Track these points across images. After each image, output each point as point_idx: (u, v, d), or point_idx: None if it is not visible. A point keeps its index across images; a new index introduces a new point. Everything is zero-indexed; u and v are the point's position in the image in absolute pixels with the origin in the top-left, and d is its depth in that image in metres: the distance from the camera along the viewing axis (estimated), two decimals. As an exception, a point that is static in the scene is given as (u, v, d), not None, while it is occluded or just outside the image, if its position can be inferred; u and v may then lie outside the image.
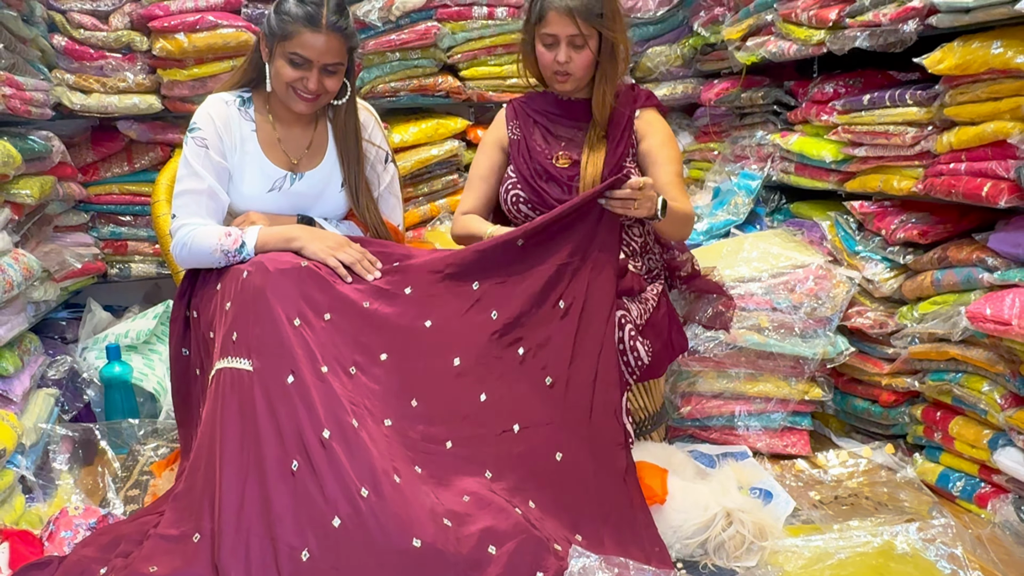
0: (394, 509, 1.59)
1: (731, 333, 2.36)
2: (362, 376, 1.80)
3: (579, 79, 2.14)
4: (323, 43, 1.96)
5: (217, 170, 2.02)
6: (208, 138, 2.01)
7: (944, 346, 2.15)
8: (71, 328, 2.96)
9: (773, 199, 2.95)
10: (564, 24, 2.06)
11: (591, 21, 2.06)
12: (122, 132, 3.11)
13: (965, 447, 2.11)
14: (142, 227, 3.17)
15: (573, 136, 2.23)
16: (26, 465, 2.08)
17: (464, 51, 3.25)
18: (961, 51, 1.98)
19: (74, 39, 2.95)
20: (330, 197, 2.15)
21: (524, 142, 2.24)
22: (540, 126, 2.25)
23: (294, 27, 1.95)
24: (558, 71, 2.12)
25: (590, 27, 2.07)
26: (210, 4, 2.98)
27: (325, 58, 1.97)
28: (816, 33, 2.51)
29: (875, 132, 2.35)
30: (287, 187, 2.09)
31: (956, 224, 2.28)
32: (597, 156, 2.16)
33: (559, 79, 2.14)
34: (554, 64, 2.12)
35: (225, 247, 1.92)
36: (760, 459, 2.36)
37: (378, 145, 2.23)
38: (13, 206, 2.37)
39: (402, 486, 1.64)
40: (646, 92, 2.27)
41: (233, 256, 1.92)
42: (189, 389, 2.01)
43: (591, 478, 1.81)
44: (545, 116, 2.25)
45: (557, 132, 2.24)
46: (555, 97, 2.26)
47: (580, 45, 2.08)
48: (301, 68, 1.98)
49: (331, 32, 1.96)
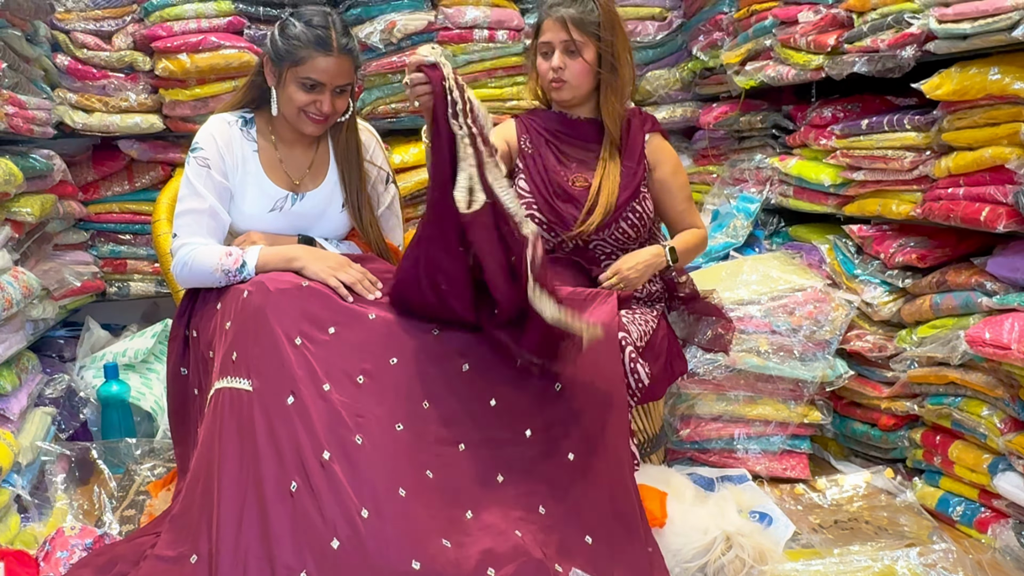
0: (394, 531, 1.58)
1: (730, 356, 2.36)
2: (372, 383, 1.78)
3: (575, 87, 2.14)
4: (335, 66, 1.97)
5: (219, 190, 2.03)
6: (210, 158, 2.02)
7: (943, 370, 2.15)
8: (69, 346, 2.95)
9: (772, 222, 2.96)
10: (557, 30, 2.11)
11: (584, 28, 2.10)
12: (123, 151, 3.12)
13: (965, 471, 2.10)
14: (141, 246, 3.17)
15: (584, 157, 2.21)
16: (22, 484, 2.07)
17: (464, 73, 3.26)
18: (959, 77, 2.00)
19: (77, 59, 2.97)
20: (331, 217, 2.16)
21: (539, 159, 2.22)
22: (551, 145, 2.23)
23: (306, 52, 1.96)
24: (553, 78, 2.14)
25: (583, 34, 2.10)
26: (213, 25, 3.00)
27: (337, 80, 1.99)
28: (815, 58, 2.53)
29: (873, 156, 2.37)
30: (288, 207, 2.10)
31: (954, 248, 2.29)
32: (611, 179, 2.15)
33: (554, 86, 2.15)
34: (549, 71, 2.14)
35: (226, 267, 1.92)
36: (759, 482, 2.36)
37: (379, 166, 2.23)
38: (13, 224, 2.37)
39: (406, 501, 1.62)
40: (650, 116, 2.28)
41: (234, 276, 1.92)
42: (187, 409, 2.00)
43: (603, 479, 1.80)
44: (554, 135, 2.24)
45: (567, 152, 2.23)
46: (562, 116, 2.25)
47: (573, 51, 2.11)
48: (314, 92, 1.99)
49: (342, 55, 1.98)
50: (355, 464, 1.64)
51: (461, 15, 3.18)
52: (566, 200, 2.17)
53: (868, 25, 2.29)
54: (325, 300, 1.85)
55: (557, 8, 2.12)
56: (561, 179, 2.19)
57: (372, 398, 1.76)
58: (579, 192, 2.17)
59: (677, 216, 2.26)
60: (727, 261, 2.80)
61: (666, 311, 2.26)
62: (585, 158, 2.21)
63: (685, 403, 2.47)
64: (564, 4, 2.13)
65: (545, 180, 2.20)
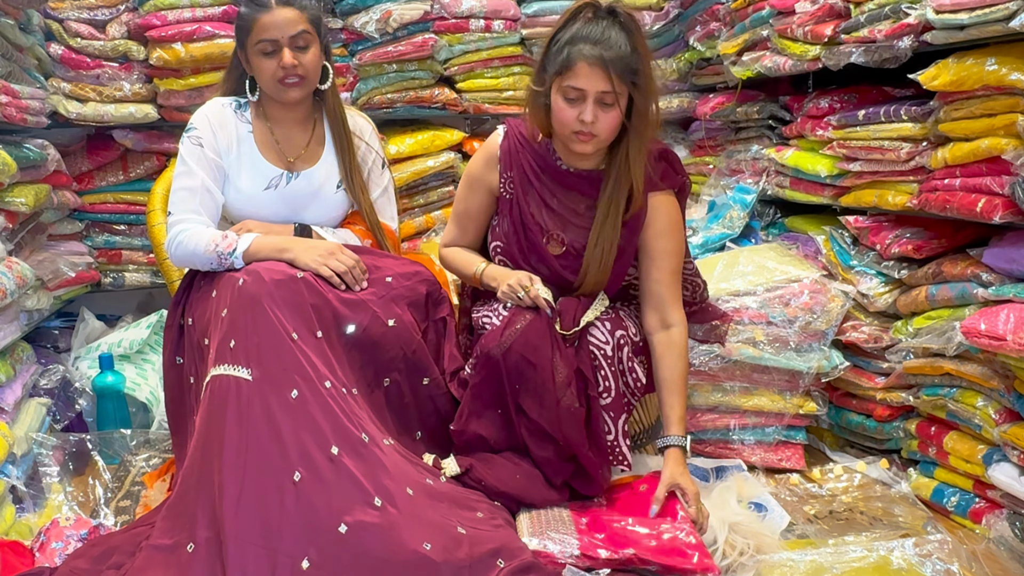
0: (407, 516, 1.60)
1: (726, 347, 2.36)
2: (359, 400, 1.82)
3: (602, 141, 1.87)
4: (279, 18, 1.99)
5: (212, 168, 2.05)
6: (203, 136, 2.05)
7: (939, 361, 2.15)
8: (64, 337, 2.95)
9: (768, 213, 2.96)
10: (596, 79, 1.79)
11: (625, 78, 1.79)
12: (118, 141, 3.11)
13: (960, 462, 2.11)
14: (136, 236, 3.16)
15: (574, 210, 1.99)
16: (17, 475, 2.06)
17: (461, 63, 3.25)
18: (956, 68, 2.00)
19: (71, 48, 2.95)
20: (327, 197, 2.16)
21: (517, 207, 1.99)
22: (535, 191, 1.99)
23: (250, 19, 2.01)
24: (581, 131, 1.84)
25: (623, 84, 1.80)
26: (207, 14, 2.98)
27: (287, 31, 2.00)
28: (812, 48, 2.53)
29: (870, 147, 2.36)
30: (283, 185, 2.11)
31: (951, 239, 2.29)
32: (605, 244, 1.92)
33: (580, 139, 1.85)
34: (576, 123, 1.83)
35: (220, 249, 1.93)
36: (755, 473, 2.36)
37: (376, 151, 2.24)
38: (7, 214, 2.36)
39: (415, 499, 1.64)
40: (664, 167, 1.98)
41: (226, 259, 1.93)
42: (183, 398, 2.00)
43: None
44: (539, 180, 1.99)
45: (552, 202, 2.00)
46: (556, 165, 1.99)
47: (610, 103, 1.81)
48: (273, 55, 2.01)
49: (281, 6, 2.00)
50: (364, 459, 1.66)
51: (457, 4, 3.17)
52: (539, 261, 1.99)
53: (865, 15, 2.28)
54: (316, 297, 1.86)
55: (595, 48, 1.78)
56: (536, 239, 1.98)
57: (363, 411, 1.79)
58: (559, 257, 1.98)
59: (650, 287, 1.97)
60: (723, 252, 2.80)
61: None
62: (570, 215, 1.99)
63: (681, 394, 2.47)
64: (602, 44, 1.79)
65: (520, 237, 2.01)
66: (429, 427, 1.96)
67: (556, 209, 2.00)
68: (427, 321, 2.00)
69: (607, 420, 1.91)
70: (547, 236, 1.98)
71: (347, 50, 3.19)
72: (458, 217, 2.16)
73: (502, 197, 2.04)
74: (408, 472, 1.73)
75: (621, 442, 1.91)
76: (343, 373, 1.82)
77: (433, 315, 2.01)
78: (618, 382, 1.92)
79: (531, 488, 1.85)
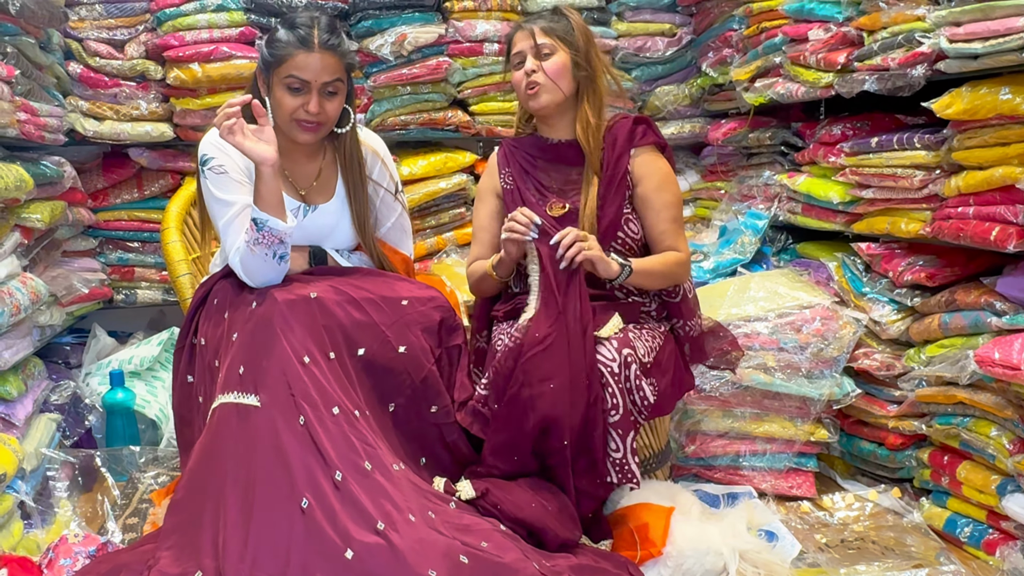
0: (410, 542, 1.58)
1: (737, 372, 2.35)
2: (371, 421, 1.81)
3: (551, 90, 2.09)
4: (317, 62, 1.93)
5: (245, 187, 1.98)
6: (223, 162, 1.98)
7: (952, 390, 2.14)
8: (75, 353, 2.95)
9: (779, 239, 2.96)
10: (525, 38, 2.11)
11: (552, 34, 2.09)
12: (133, 159, 3.13)
13: (973, 492, 2.09)
14: (149, 254, 3.18)
15: (564, 183, 2.16)
16: (26, 490, 2.06)
17: (474, 86, 3.28)
18: (970, 96, 2.00)
19: (90, 67, 2.99)
20: (343, 230, 2.14)
21: (518, 193, 2.18)
22: (531, 176, 2.19)
23: (286, 51, 1.93)
24: (528, 83, 2.10)
25: (552, 39, 2.09)
26: (224, 35, 3.02)
27: (322, 77, 1.94)
28: (825, 76, 2.54)
29: (883, 175, 2.36)
30: (301, 219, 2.08)
31: (964, 267, 2.28)
32: (591, 204, 2.09)
33: (529, 93, 2.10)
34: (523, 78, 2.10)
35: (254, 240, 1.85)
36: (765, 500, 2.34)
37: (384, 187, 2.19)
38: (23, 230, 2.38)
39: (417, 526, 1.63)
40: (643, 128, 2.17)
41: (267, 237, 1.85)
42: (192, 416, 2.00)
43: None
44: (533, 163, 2.19)
45: (548, 179, 2.18)
46: (541, 141, 2.20)
47: (546, 54, 2.09)
48: (300, 93, 1.95)
49: (324, 51, 1.93)
50: (370, 485, 1.65)
51: (471, 28, 3.19)
52: (544, 233, 2.04)
53: (879, 44, 2.29)
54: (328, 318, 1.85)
55: (527, 22, 2.15)
56: (539, 211, 2.10)
57: (370, 435, 1.78)
58: (557, 220, 2.10)
59: (656, 236, 2.14)
60: (734, 277, 2.80)
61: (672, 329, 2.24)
62: (565, 185, 2.16)
63: (691, 419, 2.46)
64: (532, 19, 2.16)
65: None
66: (434, 454, 1.94)
67: (549, 182, 2.18)
68: (440, 348, 1.99)
69: (615, 437, 1.90)
70: (549, 203, 2.14)
71: (362, 72, 3.22)
72: (475, 232, 2.29)
73: (505, 191, 2.20)
74: (414, 499, 1.72)
75: (630, 459, 1.90)
76: (355, 394, 1.82)
77: (447, 342, 2.00)
78: (625, 400, 1.91)
79: (547, 516, 1.84)
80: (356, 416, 1.78)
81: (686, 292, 2.19)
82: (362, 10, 3.14)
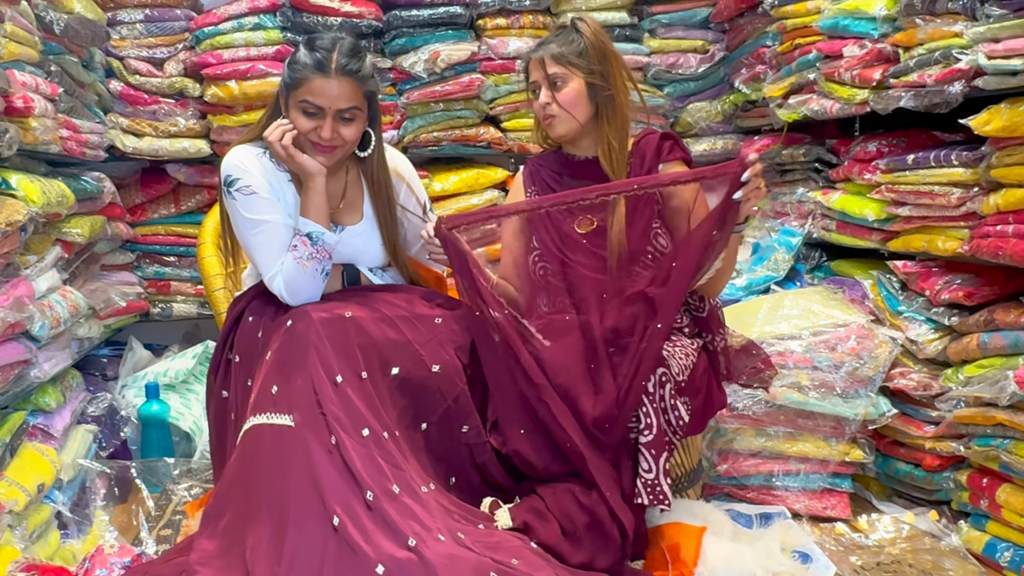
0: (441, 558, 1.58)
1: (770, 391, 2.33)
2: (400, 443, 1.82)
3: (566, 120, 2.08)
4: (334, 88, 1.89)
5: (276, 204, 1.98)
6: (250, 183, 1.97)
7: (991, 411, 2.10)
8: (112, 365, 3.00)
9: (813, 256, 2.93)
10: (537, 69, 2.09)
11: (563, 61, 2.06)
12: (171, 175, 3.19)
13: (1013, 516, 2.04)
14: (185, 268, 3.23)
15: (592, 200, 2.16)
16: (63, 500, 2.09)
17: (506, 103, 3.29)
18: (1009, 113, 1.97)
19: (130, 84, 3.05)
20: (373, 250, 2.14)
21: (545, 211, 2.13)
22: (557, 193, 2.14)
23: (303, 74, 1.90)
24: (544, 115, 2.10)
25: (563, 66, 2.06)
26: (261, 53, 3.07)
27: (337, 103, 1.91)
28: (860, 92, 2.52)
29: (919, 192, 2.33)
30: None
31: (1003, 286, 2.24)
32: (619, 221, 2.05)
33: (546, 123, 2.11)
34: (539, 109, 2.10)
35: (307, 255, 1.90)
36: (799, 521, 2.31)
37: (411, 211, 2.18)
38: (64, 244, 2.43)
39: (446, 544, 1.63)
40: (670, 144, 2.15)
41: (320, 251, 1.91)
42: (226, 431, 2.01)
43: None
44: (558, 180, 2.18)
45: None
46: (565, 158, 2.19)
47: (558, 85, 2.06)
48: (315, 117, 1.92)
49: (342, 76, 1.89)
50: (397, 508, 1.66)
51: (504, 46, 3.22)
52: (575, 250, 2.08)
53: (915, 60, 2.27)
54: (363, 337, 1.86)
55: (537, 49, 2.11)
56: (567, 228, 2.10)
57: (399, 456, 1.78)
58: (588, 235, 2.08)
59: None
60: (768, 295, 2.78)
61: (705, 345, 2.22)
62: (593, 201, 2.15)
63: (723, 438, 2.44)
64: (545, 43, 2.11)
65: (551, 233, 2.11)
66: (464, 474, 1.93)
67: None
68: (474, 366, 1.99)
69: (647, 457, 1.88)
70: (577, 220, 2.11)
71: (395, 89, 3.25)
72: (501, 251, 2.29)
73: None
74: (443, 519, 1.72)
75: (662, 480, 1.88)
76: (386, 415, 1.82)
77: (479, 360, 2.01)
78: (659, 419, 1.90)
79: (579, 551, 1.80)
80: (385, 438, 1.78)
81: (712, 305, 2.17)
82: (396, 28, 3.18)
